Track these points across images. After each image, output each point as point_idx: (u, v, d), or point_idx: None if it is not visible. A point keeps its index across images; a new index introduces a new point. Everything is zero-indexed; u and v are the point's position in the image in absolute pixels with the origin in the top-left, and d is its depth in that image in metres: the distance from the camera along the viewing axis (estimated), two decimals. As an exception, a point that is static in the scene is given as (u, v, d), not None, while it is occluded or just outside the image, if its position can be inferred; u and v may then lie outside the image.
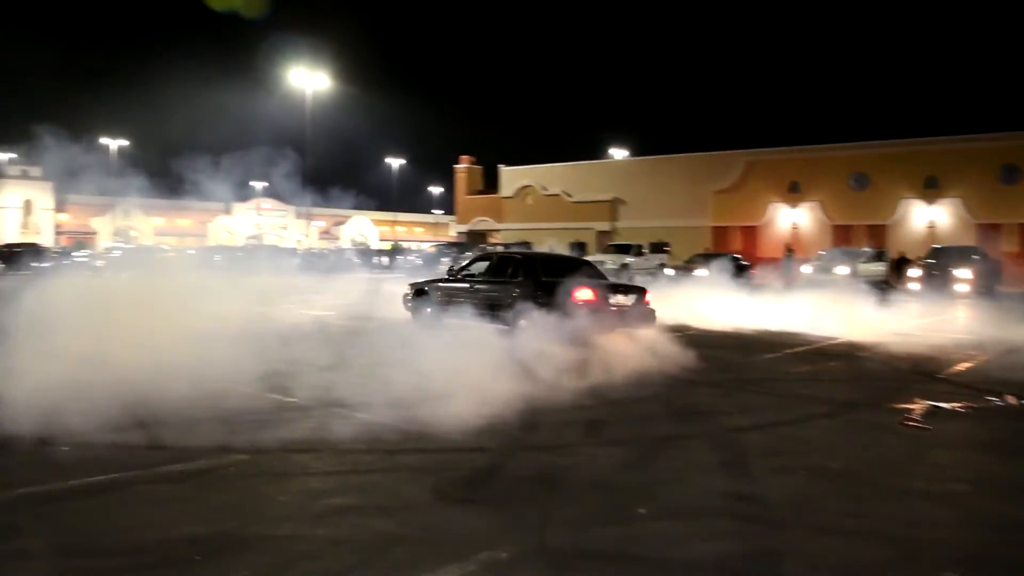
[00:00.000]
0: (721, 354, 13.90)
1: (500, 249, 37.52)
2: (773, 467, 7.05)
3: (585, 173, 57.75)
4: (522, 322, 13.75)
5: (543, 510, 5.73)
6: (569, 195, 56.95)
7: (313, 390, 9.61)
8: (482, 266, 16.39)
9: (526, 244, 46.20)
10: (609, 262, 41.86)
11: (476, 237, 59.22)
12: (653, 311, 14.58)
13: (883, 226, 46.32)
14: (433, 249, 57.39)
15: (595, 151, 76.10)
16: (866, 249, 38.12)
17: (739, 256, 40.53)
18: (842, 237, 46.29)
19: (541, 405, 9.13)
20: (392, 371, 10.38)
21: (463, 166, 62.29)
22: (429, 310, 16.15)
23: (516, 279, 15.10)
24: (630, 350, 12.84)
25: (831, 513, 5.90)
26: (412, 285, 17.41)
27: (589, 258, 44.51)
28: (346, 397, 9.17)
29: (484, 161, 63.54)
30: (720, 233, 51.71)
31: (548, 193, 57.67)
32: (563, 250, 50.23)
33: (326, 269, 50.63)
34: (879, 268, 34.33)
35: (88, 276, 18.78)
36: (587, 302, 13.48)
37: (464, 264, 17.39)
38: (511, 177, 60.20)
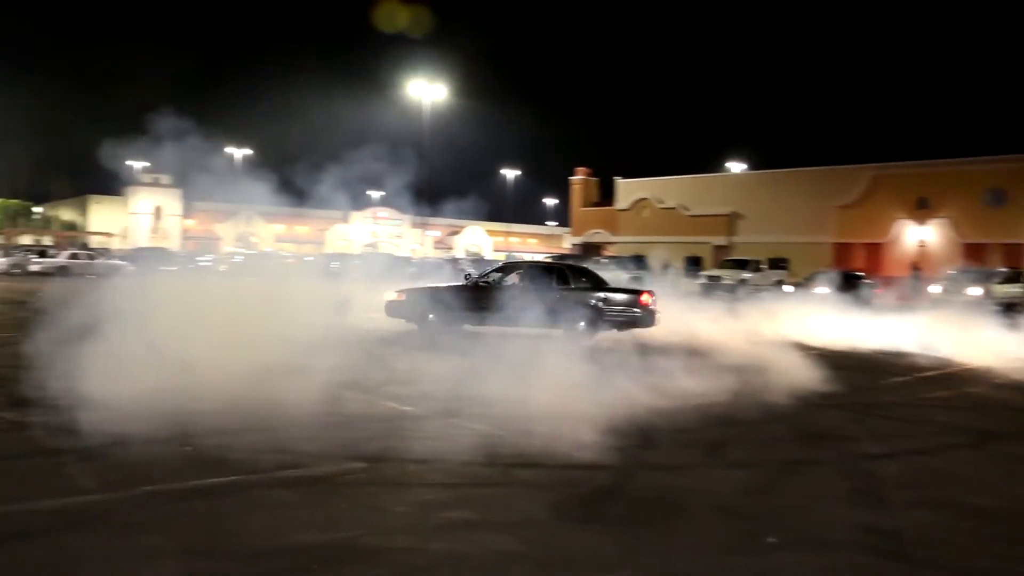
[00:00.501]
0: (846, 376, 13.31)
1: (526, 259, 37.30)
2: (910, 500, 6.62)
3: (703, 186, 56.91)
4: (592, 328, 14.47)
5: (667, 534, 5.50)
6: (686, 208, 56.20)
7: (427, 400, 9.60)
8: (510, 274, 17.26)
9: (641, 258, 45.68)
10: (726, 278, 41.04)
11: (590, 249, 58.93)
12: (653, 312, 16.20)
13: (1021, 245, 44.05)
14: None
15: (713, 164, 74.95)
16: (1001, 269, 36.31)
17: (862, 274, 39.13)
18: (974, 256, 44.15)
19: (657, 421, 8.89)
20: (501, 382, 10.33)
21: (579, 178, 62.13)
22: (432, 315, 16.36)
23: (568, 286, 16.13)
24: (746, 366, 12.46)
25: (976, 554, 5.48)
26: (409, 291, 17.53)
27: (705, 273, 43.96)
28: (460, 408, 9.11)
29: (600, 173, 63.29)
30: (842, 250, 50.09)
31: (664, 206, 57.04)
32: (678, 264, 49.62)
33: (441, 279, 51.30)
34: (1016, 290, 32.63)
35: (211, 280, 19.32)
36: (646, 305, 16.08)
37: (486, 273, 17.84)
38: (627, 189, 59.75)
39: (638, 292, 16.72)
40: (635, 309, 16.16)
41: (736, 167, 65.27)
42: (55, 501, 5.53)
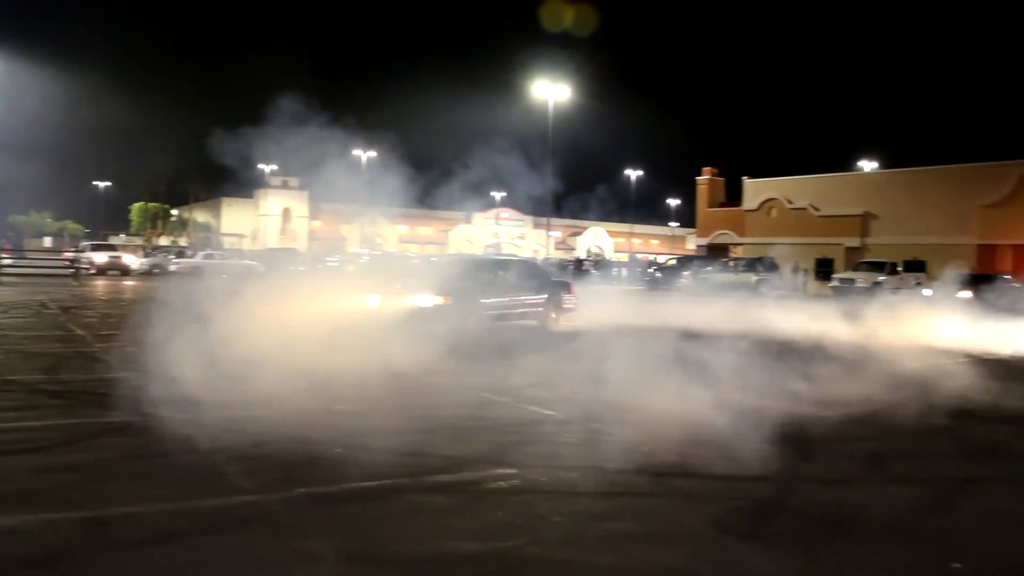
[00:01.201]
0: (1003, 385, 12.50)
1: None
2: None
3: (834, 186, 55.05)
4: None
5: (841, 553, 5.16)
6: (816, 209, 54.48)
7: (570, 404, 9.43)
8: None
9: (770, 259, 44.54)
10: (860, 280, 39.61)
11: (716, 251, 57.85)
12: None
13: None
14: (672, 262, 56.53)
15: (844, 163, 72.53)
16: None
17: (1008, 277, 37.10)
18: None
19: (809, 429, 8.50)
20: (635, 385, 10.10)
21: (705, 178, 60.97)
22: None
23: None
24: (896, 373, 11.86)
25: None
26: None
27: (838, 276, 42.53)
28: (603, 412, 8.91)
29: (727, 173, 62.01)
30: (986, 252, 47.60)
31: (794, 207, 55.42)
32: (808, 266, 48.20)
33: (566, 278, 51.15)
34: None
35: (341, 279, 19.59)
36: None
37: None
38: (755, 189, 58.33)
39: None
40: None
41: (868, 166, 63.00)
42: (215, 501, 5.58)
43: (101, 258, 44.93)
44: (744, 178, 59.26)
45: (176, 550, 4.80)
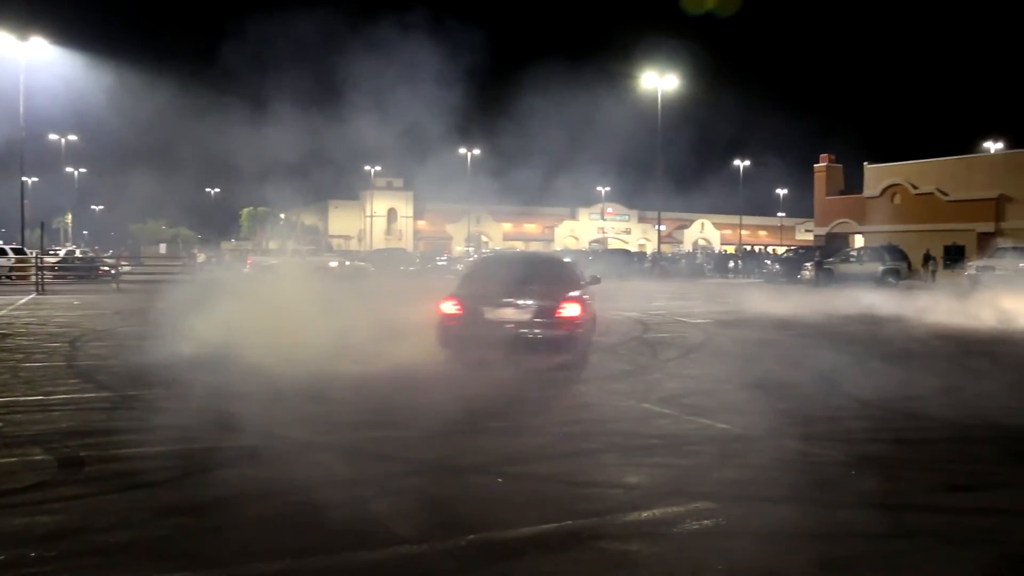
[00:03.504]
0: None
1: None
2: None
3: (963, 169, 51.82)
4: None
5: None
6: (944, 193, 51.35)
7: (743, 415, 8.26)
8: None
9: (896, 248, 42.11)
10: (1002, 268, 36.96)
11: (835, 240, 55.24)
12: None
13: None
14: (789, 254, 54.32)
15: (969, 144, 68.69)
16: None
17: None
18: None
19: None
20: (803, 390, 8.91)
21: (822, 165, 58.18)
22: None
23: None
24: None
25: None
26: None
27: (975, 263, 39.87)
28: (785, 425, 7.73)
29: (845, 159, 59.16)
30: None
31: (919, 192, 52.36)
32: (938, 254, 45.47)
33: (677, 273, 49.71)
34: None
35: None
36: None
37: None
38: (876, 175, 55.36)
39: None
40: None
41: (994, 146, 59.37)
42: (370, 554, 4.57)
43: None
44: (865, 164, 56.42)
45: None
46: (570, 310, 10.25)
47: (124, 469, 6.23)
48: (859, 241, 53.98)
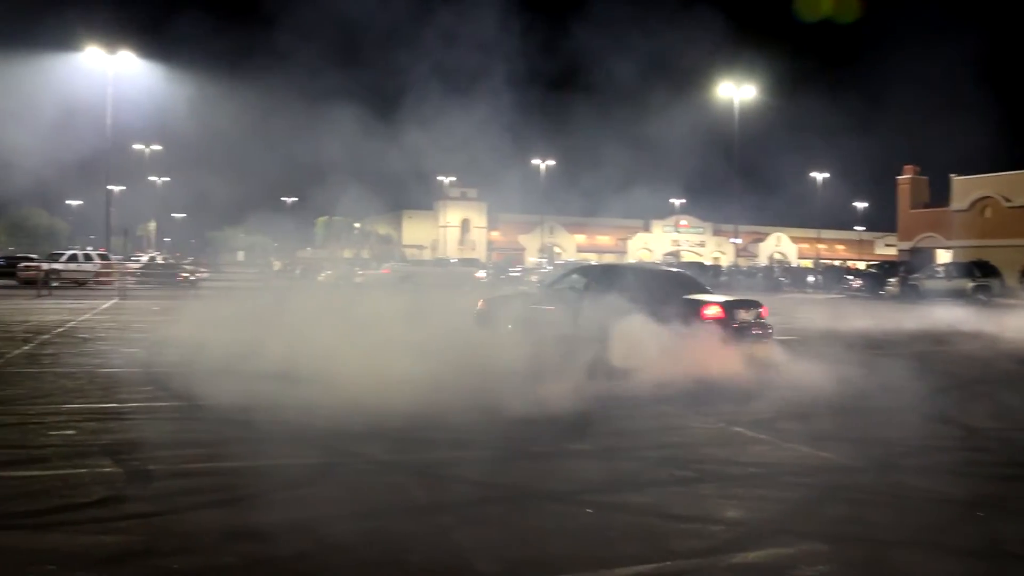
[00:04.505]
0: None
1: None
2: None
3: (1060, 181, 49.74)
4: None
5: None
6: (1040, 207, 49.38)
7: (845, 443, 7.69)
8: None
9: (987, 264, 40.46)
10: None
11: (920, 255, 53.46)
12: None
13: None
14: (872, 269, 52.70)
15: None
16: None
17: None
18: None
19: None
20: (904, 417, 8.32)
21: (906, 177, 56.41)
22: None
23: None
24: None
25: None
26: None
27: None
28: (892, 455, 7.17)
29: (929, 171, 57.27)
30: None
31: (1012, 205, 50.37)
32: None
33: (756, 288, 48.63)
34: None
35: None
36: None
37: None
38: (964, 187, 53.42)
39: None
40: None
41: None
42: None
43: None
44: (952, 176, 54.52)
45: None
46: (766, 310, 13.02)
47: (193, 486, 5.95)
48: (944, 256, 52.13)
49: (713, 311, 12.30)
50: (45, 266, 38.19)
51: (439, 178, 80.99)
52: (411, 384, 9.31)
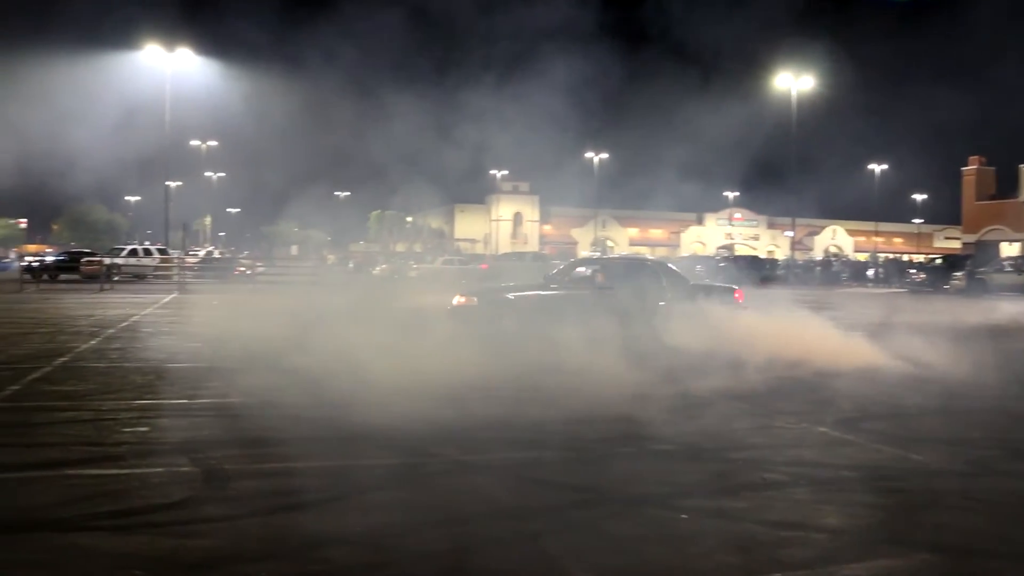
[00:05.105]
0: None
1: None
2: None
3: None
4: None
5: None
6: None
7: (940, 444, 7.41)
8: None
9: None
10: None
11: (986, 248, 52.09)
12: None
13: None
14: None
15: None
16: None
17: None
18: None
19: None
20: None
21: (972, 168, 54.98)
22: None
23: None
24: None
25: None
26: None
27: None
28: (993, 460, 6.84)
29: (997, 161, 55.72)
30: None
31: (1081, 197, 49.01)
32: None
33: (811, 281, 47.76)
34: None
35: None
36: None
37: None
38: (1033, 178, 52.02)
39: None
40: None
41: None
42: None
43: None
44: (1021, 166, 52.97)
45: None
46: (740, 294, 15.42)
47: (271, 487, 5.83)
48: (1010, 250, 50.79)
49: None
50: (107, 261, 38.85)
51: (491, 172, 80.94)
52: (484, 381, 9.17)
